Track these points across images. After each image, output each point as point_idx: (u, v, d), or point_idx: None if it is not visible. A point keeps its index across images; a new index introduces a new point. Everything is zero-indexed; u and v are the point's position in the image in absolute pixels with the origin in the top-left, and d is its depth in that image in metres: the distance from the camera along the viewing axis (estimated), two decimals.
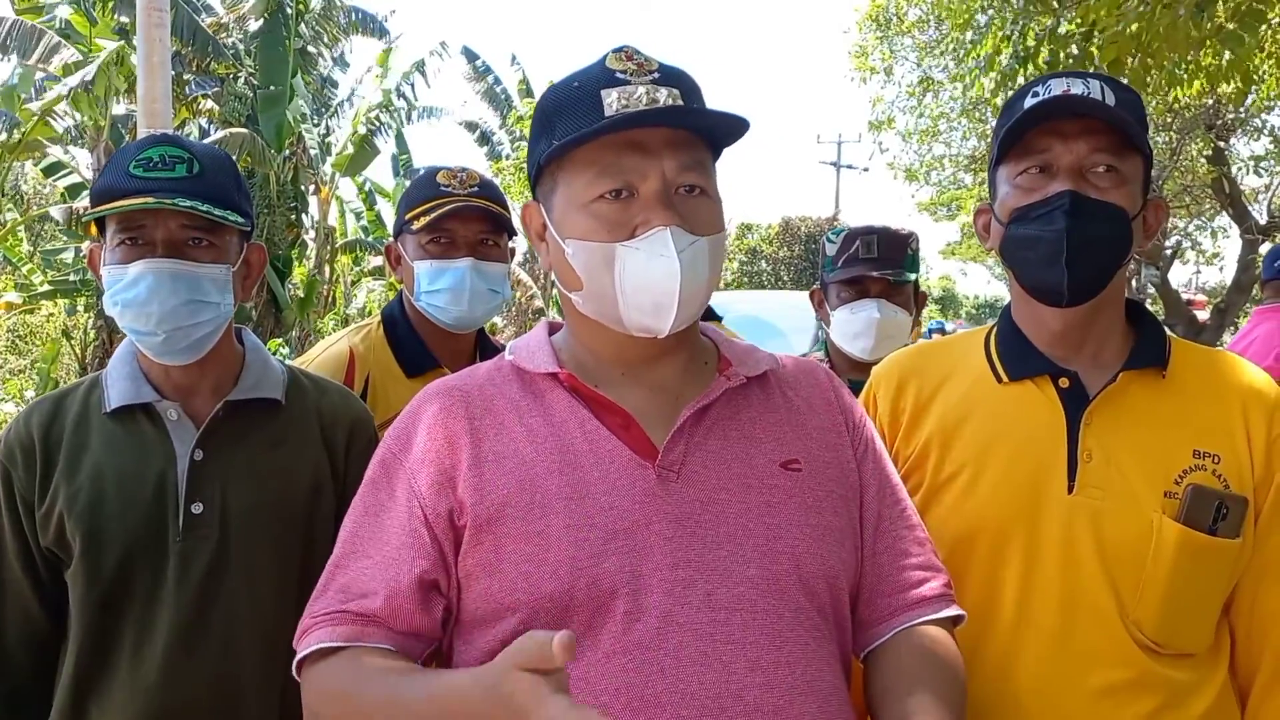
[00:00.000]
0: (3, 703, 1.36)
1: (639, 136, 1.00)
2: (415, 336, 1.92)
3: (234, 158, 1.57)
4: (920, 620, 1.08)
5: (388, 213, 16.73)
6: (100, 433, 1.37)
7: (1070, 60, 4.80)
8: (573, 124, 1.00)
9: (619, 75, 1.01)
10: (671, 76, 1.03)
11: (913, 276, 2.14)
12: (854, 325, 2.13)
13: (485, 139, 18.13)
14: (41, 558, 1.35)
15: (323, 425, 1.46)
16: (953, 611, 1.11)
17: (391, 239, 2.01)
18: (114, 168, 1.35)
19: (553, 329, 1.15)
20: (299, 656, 1.03)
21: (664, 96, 1.00)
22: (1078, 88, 1.20)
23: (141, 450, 1.36)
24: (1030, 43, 5.11)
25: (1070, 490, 1.20)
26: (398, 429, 1.09)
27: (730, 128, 1.04)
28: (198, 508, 1.34)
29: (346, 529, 1.08)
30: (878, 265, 2.11)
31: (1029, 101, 1.22)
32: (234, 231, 1.39)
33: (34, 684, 1.36)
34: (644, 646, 0.95)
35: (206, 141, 1.44)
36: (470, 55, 17.85)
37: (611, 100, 1.00)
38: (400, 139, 16.60)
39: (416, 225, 1.86)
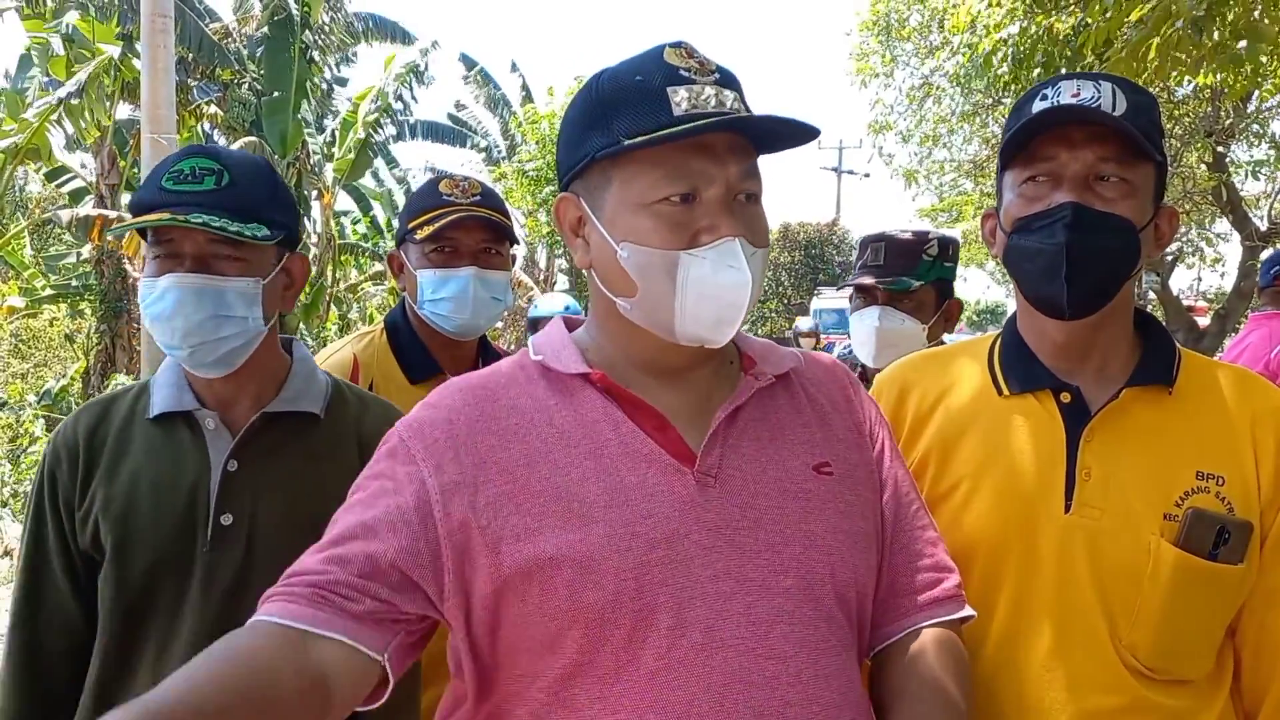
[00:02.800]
0: (39, 703, 1.37)
1: (707, 141, 0.96)
2: (418, 343, 1.94)
3: None
4: (930, 622, 1.07)
5: (382, 217, 16.84)
6: (142, 439, 1.38)
7: (1066, 61, 4.81)
8: (638, 120, 0.96)
9: (683, 73, 0.97)
10: (730, 78, 1.00)
11: (917, 284, 2.11)
12: (859, 333, 2.16)
13: (485, 145, 18.20)
14: (81, 560, 1.36)
15: (361, 443, 1.44)
16: (964, 613, 1.10)
17: (394, 247, 2.02)
18: (150, 180, 1.36)
19: (569, 325, 1.11)
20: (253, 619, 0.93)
21: (730, 100, 0.97)
22: (1088, 91, 1.17)
23: (179, 458, 1.36)
24: (1029, 41, 5.11)
25: (1067, 509, 1.18)
26: (415, 421, 1.02)
27: (794, 138, 1.01)
28: (227, 519, 1.34)
29: (341, 511, 1.00)
30: (880, 273, 2.12)
31: (1037, 106, 1.19)
32: (267, 244, 1.37)
33: (69, 686, 1.37)
34: (688, 665, 0.93)
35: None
36: (469, 62, 17.93)
37: (680, 99, 0.95)
38: (385, 149, 16.72)
39: (420, 234, 1.87)
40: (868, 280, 2.13)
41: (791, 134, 1.00)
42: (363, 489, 1.00)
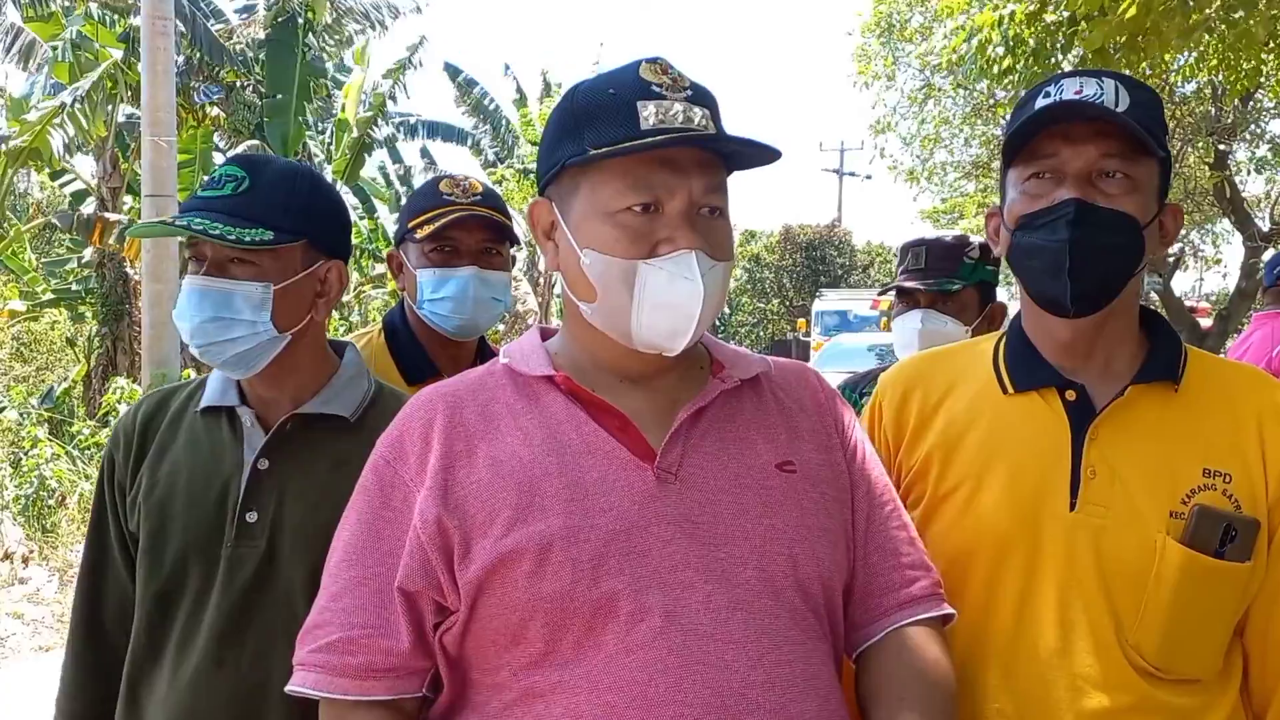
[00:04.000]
0: (100, 677, 1.42)
1: (672, 154, 1.00)
2: (416, 344, 1.93)
3: None
4: (910, 620, 1.09)
5: (384, 218, 16.86)
6: (189, 430, 1.43)
7: (1057, 49, 4.83)
8: (606, 132, 1.00)
9: (654, 88, 1.01)
10: (703, 96, 1.04)
11: (957, 285, 2.12)
12: (902, 336, 2.16)
13: (478, 149, 18.25)
14: (131, 541, 1.42)
15: None
16: (943, 611, 1.11)
17: (393, 247, 2.02)
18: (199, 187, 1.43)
19: (544, 334, 1.16)
20: (297, 687, 1.05)
21: (698, 116, 1.01)
22: (1091, 88, 1.16)
23: (217, 452, 1.40)
24: (1019, 25, 5.12)
25: (1072, 507, 1.17)
26: (390, 436, 1.10)
27: (759, 158, 1.06)
28: (252, 516, 1.36)
29: (342, 539, 1.08)
30: (922, 275, 2.14)
31: (1039, 102, 1.18)
32: (288, 249, 1.37)
33: (121, 658, 1.40)
34: (647, 647, 0.95)
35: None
36: (453, 71, 17.96)
37: (649, 114, 1.00)
38: (391, 146, 16.74)
39: (420, 234, 1.87)
40: (910, 283, 2.13)
41: (756, 153, 1.05)
42: (357, 515, 1.08)
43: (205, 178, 1.44)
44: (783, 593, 1.01)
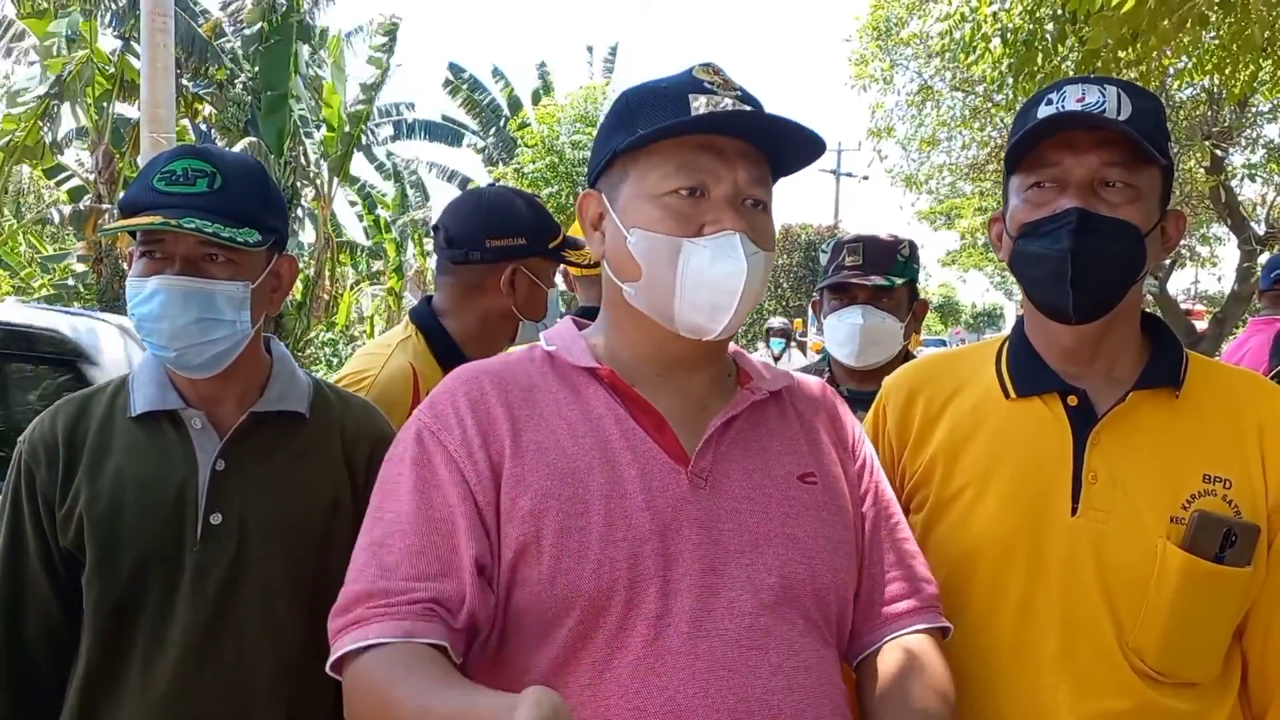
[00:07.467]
0: (20, 702, 1.36)
1: (718, 143, 1.04)
2: (453, 343, 1.93)
3: None
4: (907, 630, 1.11)
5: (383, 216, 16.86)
6: (124, 436, 1.37)
7: (1048, 40, 4.85)
8: (657, 118, 1.04)
9: (706, 85, 1.06)
10: (751, 98, 1.08)
11: (899, 281, 2.15)
12: (840, 331, 2.17)
13: (483, 146, 18.27)
14: (61, 559, 1.35)
15: (345, 441, 1.46)
16: (940, 623, 1.13)
17: (514, 258, 1.87)
18: (141, 179, 1.36)
19: (578, 325, 1.17)
20: (350, 648, 0.95)
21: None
22: (1093, 96, 1.17)
23: (164, 457, 1.36)
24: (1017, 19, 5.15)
25: (1074, 512, 1.18)
26: (434, 407, 1.07)
27: (805, 150, 1.09)
28: (216, 518, 1.34)
29: (382, 506, 1.03)
30: (862, 271, 2.15)
31: (1042, 111, 1.19)
32: (259, 249, 1.37)
33: (52, 684, 1.36)
34: (674, 653, 0.96)
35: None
36: (456, 70, 17.98)
37: (699, 104, 1.04)
38: (370, 153, 16.81)
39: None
40: (854, 279, 2.15)
41: (800, 142, 1.07)
42: (408, 486, 1.02)
43: (161, 170, 1.34)
44: (800, 601, 1.03)
